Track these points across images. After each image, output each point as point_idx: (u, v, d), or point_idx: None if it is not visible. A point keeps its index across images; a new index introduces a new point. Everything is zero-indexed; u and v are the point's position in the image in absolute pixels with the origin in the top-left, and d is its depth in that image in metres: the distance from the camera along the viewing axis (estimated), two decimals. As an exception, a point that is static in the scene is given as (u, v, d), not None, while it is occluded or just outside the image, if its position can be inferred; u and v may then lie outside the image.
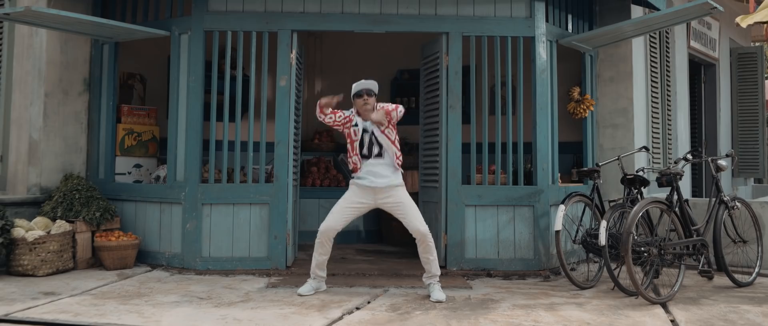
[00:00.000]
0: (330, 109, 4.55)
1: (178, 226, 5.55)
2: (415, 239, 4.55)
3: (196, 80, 5.57)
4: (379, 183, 4.50)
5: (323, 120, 4.57)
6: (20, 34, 6.01)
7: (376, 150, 4.53)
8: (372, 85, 4.59)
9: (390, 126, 4.57)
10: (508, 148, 5.62)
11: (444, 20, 5.66)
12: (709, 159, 5.34)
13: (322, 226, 4.54)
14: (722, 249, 4.98)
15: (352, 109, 4.63)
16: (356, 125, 4.56)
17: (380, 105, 4.58)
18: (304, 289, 4.58)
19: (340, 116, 4.58)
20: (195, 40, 5.58)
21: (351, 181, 4.63)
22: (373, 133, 4.54)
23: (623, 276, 4.61)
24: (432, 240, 4.53)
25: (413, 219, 4.50)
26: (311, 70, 8.43)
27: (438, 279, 4.57)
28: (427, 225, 4.53)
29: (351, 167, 4.63)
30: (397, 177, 4.56)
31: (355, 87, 4.58)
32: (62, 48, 5.92)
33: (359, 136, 4.54)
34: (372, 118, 4.50)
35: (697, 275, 5.13)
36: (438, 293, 4.47)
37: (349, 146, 4.61)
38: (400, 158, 4.59)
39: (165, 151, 5.95)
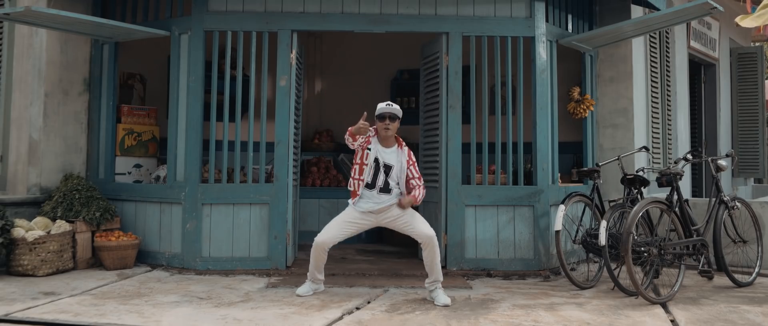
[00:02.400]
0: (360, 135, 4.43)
1: (178, 226, 5.55)
2: (416, 241, 4.50)
3: (196, 80, 5.57)
4: (381, 206, 4.42)
5: (352, 146, 4.47)
6: (20, 34, 6.02)
7: (381, 183, 4.40)
8: (397, 111, 4.43)
9: (411, 166, 4.50)
10: (508, 148, 5.62)
11: (444, 20, 5.66)
12: (709, 159, 5.34)
13: (319, 238, 4.42)
14: (722, 249, 4.98)
15: (373, 131, 4.49)
16: (370, 149, 4.44)
17: (410, 155, 4.51)
18: (302, 290, 4.57)
19: (362, 139, 4.45)
20: (195, 40, 5.58)
21: (350, 205, 4.48)
22: (387, 170, 4.41)
23: (623, 276, 4.61)
24: (437, 243, 4.43)
25: (419, 224, 4.42)
26: (311, 70, 8.43)
27: (441, 283, 4.49)
28: (433, 230, 4.45)
29: (350, 189, 4.50)
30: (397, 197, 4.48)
31: (380, 108, 4.43)
32: (62, 48, 5.93)
33: (369, 161, 4.41)
34: (403, 204, 4.40)
35: (697, 275, 5.14)
36: (443, 297, 4.38)
37: (356, 167, 4.47)
38: (419, 195, 4.47)
39: (165, 151, 5.96)
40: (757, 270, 5.20)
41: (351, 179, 4.52)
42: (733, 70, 9.34)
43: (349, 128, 4.39)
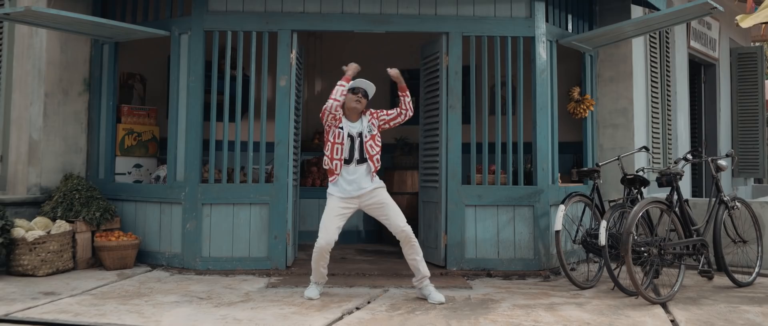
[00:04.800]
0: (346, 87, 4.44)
1: (178, 226, 5.55)
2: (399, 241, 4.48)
3: (196, 80, 5.58)
4: (361, 190, 4.42)
5: (331, 109, 4.40)
6: (20, 34, 6.02)
7: (357, 156, 4.42)
8: (371, 88, 4.53)
9: (383, 127, 4.56)
10: (508, 148, 5.62)
11: (444, 20, 5.66)
12: (709, 159, 5.33)
13: (321, 243, 4.37)
14: (722, 249, 4.98)
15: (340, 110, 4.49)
16: (342, 128, 4.45)
17: (371, 111, 4.56)
18: (313, 293, 4.47)
19: (339, 109, 4.46)
20: (195, 40, 5.58)
21: (330, 192, 4.47)
22: (359, 139, 4.44)
23: (623, 276, 4.61)
24: (416, 239, 4.44)
25: (396, 219, 4.41)
26: (311, 70, 8.43)
27: (429, 279, 4.48)
28: (409, 226, 4.45)
29: (327, 167, 4.48)
30: (377, 182, 4.49)
31: (355, 82, 4.51)
32: (62, 48, 5.93)
33: (342, 139, 4.42)
34: (392, 73, 4.47)
35: (697, 275, 5.13)
36: (436, 295, 4.40)
37: (329, 147, 4.45)
38: (377, 167, 4.51)
39: (165, 151, 5.95)
40: (757, 270, 5.19)
41: (327, 158, 4.47)
42: (733, 70, 9.34)
43: (343, 84, 4.41)
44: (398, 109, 4.61)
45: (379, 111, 4.60)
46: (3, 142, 6.11)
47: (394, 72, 4.55)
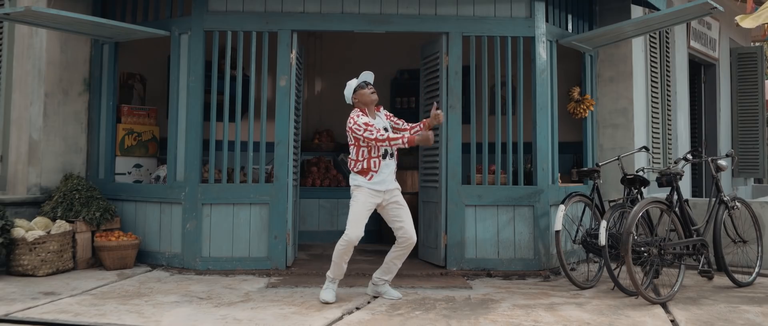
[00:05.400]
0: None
1: (178, 226, 5.55)
2: (395, 241, 4.47)
3: (196, 80, 5.58)
4: (390, 185, 4.43)
5: (373, 142, 4.33)
6: (20, 34, 6.02)
7: (390, 150, 4.44)
8: (371, 76, 4.58)
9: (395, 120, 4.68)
10: (508, 148, 5.62)
11: (444, 20, 5.66)
12: (709, 159, 5.33)
13: (352, 237, 4.32)
14: (722, 249, 4.98)
15: (358, 112, 4.40)
16: (375, 123, 4.40)
17: (386, 113, 4.63)
18: (330, 296, 4.37)
19: (377, 127, 4.39)
20: (195, 40, 5.58)
21: (363, 186, 4.35)
22: (387, 134, 4.43)
23: (623, 276, 4.61)
24: None
25: (410, 225, 4.43)
26: (311, 70, 8.43)
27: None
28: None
29: (359, 169, 4.35)
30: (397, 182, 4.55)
31: (363, 76, 4.52)
32: (62, 48, 5.93)
33: (382, 130, 4.39)
34: (438, 120, 4.48)
35: (697, 275, 5.14)
36: (395, 291, 4.54)
37: (364, 149, 4.36)
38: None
39: (165, 151, 5.95)
40: (757, 270, 5.19)
41: (364, 161, 4.35)
42: (733, 70, 9.34)
43: (422, 130, 4.49)
44: (406, 131, 4.57)
45: (391, 115, 4.65)
46: (3, 142, 6.11)
47: (440, 117, 4.49)
